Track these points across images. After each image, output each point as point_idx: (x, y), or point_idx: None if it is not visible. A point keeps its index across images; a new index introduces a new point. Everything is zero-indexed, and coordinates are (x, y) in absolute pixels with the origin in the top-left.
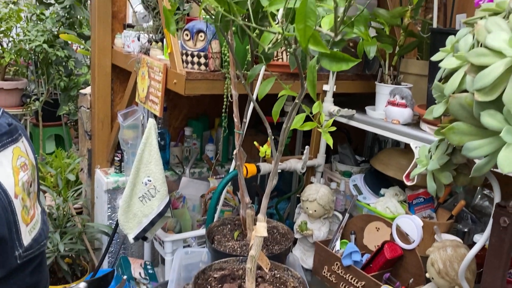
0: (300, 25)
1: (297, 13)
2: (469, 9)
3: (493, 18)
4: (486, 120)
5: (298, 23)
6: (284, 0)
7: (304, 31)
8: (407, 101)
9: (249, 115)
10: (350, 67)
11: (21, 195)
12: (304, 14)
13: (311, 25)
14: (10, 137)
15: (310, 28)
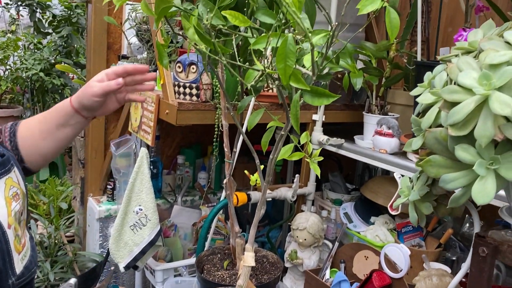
0: (280, 64)
1: (277, 53)
2: (452, 43)
3: (465, 57)
4: (460, 153)
5: (278, 63)
6: (264, 40)
7: (285, 70)
8: (394, 131)
9: (239, 145)
10: (330, 102)
11: (13, 225)
12: (284, 55)
13: (290, 64)
14: (3, 168)
15: (290, 68)
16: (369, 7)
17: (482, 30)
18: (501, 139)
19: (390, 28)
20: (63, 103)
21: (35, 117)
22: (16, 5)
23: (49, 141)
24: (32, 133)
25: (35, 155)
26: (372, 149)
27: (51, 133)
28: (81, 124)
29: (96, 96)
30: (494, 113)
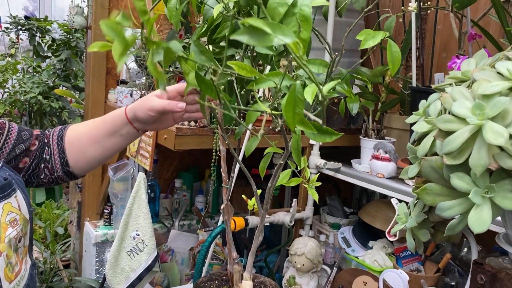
0: (289, 113)
1: (286, 101)
2: (446, 68)
3: (458, 88)
4: (456, 182)
5: (287, 111)
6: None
7: (293, 118)
8: (391, 155)
9: (237, 170)
10: (333, 140)
11: (5, 252)
12: (293, 103)
13: (299, 112)
14: (1, 193)
15: (298, 115)
16: (371, 41)
17: (474, 59)
18: (495, 168)
19: (391, 61)
20: (117, 112)
21: (85, 122)
22: (16, 29)
23: (96, 148)
24: (79, 138)
25: (81, 160)
26: (369, 173)
27: (99, 141)
28: (131, 135)
29: (153, 111)
30: (488, 143)
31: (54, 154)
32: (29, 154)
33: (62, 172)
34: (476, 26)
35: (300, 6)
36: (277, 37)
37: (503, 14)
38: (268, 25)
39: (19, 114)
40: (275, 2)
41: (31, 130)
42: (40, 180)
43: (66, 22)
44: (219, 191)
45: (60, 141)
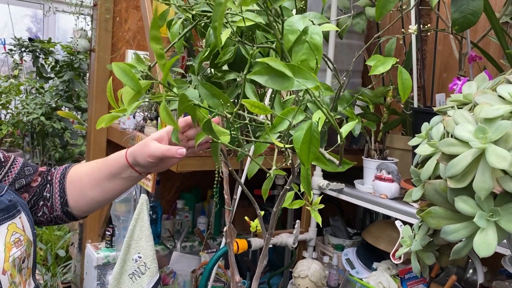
0: (304, 152)
1: (301, 141)
2: (448, 88)
3: (460, 111)
4: (460, 205)
5: (301, 150)
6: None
7: (308, 156)
8: (394, 176)
9: (239, 191)
10: (345, 170)
11: (9, 271)
12: (309, 142)
13: (314, 151)
14: (6, 213)
15: (314, 154)
16: (381, 68)
17: (476, 82)
18: (499, 192)
19: (402, 89)
20: (118, 155)
21: (89, 163)
22: (20, 51)
23: (97, 190)
24: (81, 179)
25: (81, 201)
26: (372, 194)
27: (101, 183)
28: (134, 178)
29: (153, 158)
30: (491, 166)
31: (55, 193)
32: (29, 190)
33: (61, 211)
34: (476, 47)
35: (311, 34)
36: (297, 80)
37: (502, 36)
38: (289, 67)
39: (21, 134)
40: (285, 29)
41: (37, 166)
42: (38, 219)
43: (69, 44)
44: (221, 212)
45: (62, 180)
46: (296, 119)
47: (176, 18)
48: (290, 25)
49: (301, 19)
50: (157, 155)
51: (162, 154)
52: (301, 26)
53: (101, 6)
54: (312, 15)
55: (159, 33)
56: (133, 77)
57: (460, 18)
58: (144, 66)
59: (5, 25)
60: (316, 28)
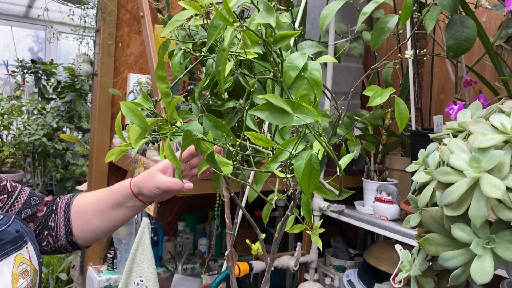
0: (304, 182)
1: (302, 172)
2: (444, 111)
3: (455, 140)
4: (457, 233)
5: (302, 181)
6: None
7: (308, 187)
8: (393, 198)
9: (241, 214)
10: (344, 198)
11: None
12: (309, 173)
13: (314, 182)
14: (14, 245)
15: (314, 185)
16: (378, 99)
17: (470, 110)
18: (494, 220)
19: (399, 118)
20: (122, 185)
21: (91, 193)
22: (22, 72)
23: (101, 220)
24: (85, 208)
25: (85, 231)
26: (373, 216)
27: (105, 212)
28: (137, 208)
29: (159, 190)
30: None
31: (59, 222)
32: (35, 220)
33: (65, 240)
34: (471, 71)
35: (310, 71)
36: (297, 116)
37: (497, 59)
38: (289, 104)
39: (23, 155)
40: (286, 66)
41: (43, 196)
42: (42, 248)
43: (71, 65)
44: (222, 233)
45: (67, 209)
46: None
47: (177, 49)
48: (290, 62)
49: (300, 56)
50: (163, 188)
51: (169, 188)
52: (301, 63)
53: (104, 31)
54: (308, 44)
55: (164, 73)
56: (140, 116)
57: (454, 45)
58: (150, 104)
59: (7, 44)
60: (315, 65)
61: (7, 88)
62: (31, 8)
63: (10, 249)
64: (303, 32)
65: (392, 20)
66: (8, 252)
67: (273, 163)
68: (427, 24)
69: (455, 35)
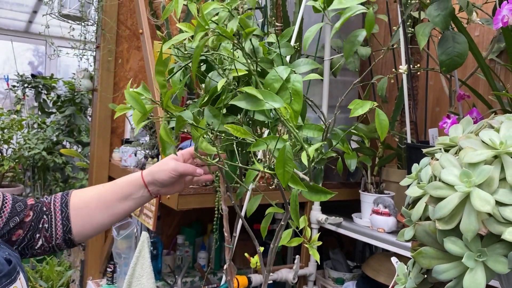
0: (279, 170)
1: (276, 160)
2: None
3: (446, 155)
4: (449, 246)
5: (278, 169)
6: (263, 143)
7: (283, 175)
8: (390, 210)
9: (239, 227)
10: (328, 199)
11: None
12: (283, 162)
13: (289, 170)
14: (8, 278)
15: (288, 173)
16: (360, 110)
17: (461, 125)
18: (485, 233)
19: (380, 129)
20: (132, 177)
21: (91, 188)
22: (22, 87)
23: (106, 214)
24: (87, 205)
25: (87, 227)
26: (370, 228)
27: (110, 206)
28: (144, 199)
29: (176, 173)
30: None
31: (56, 222)
32: (23, 226)
33: (62, 240)
34: (465, 85)
35: (293, 82)
36: (267, 102)
37: (489, 74)
38: (261, 93)
39: (22, 169)
40: (271, 78)
41: (25, 200)
42: (35, 251)
43: (71, 80)
44: (221, 247)
45: (64, 208)
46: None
47: (177, 66)
48: (275, 75)
49: (284, 69)
50: (180, 170)
51: (184, 170)
52: (284, 75)
53: (104, 47)
54: (303, 61)
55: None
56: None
57: (446, 60)
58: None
59: (7, 59)
60: (297, 77)
61: (8, 102)
62: (31, 24)
63: (5, 283)
64: (299, 48)
65: (361, 34)
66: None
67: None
68: (419, 40)
69: (447, 51)
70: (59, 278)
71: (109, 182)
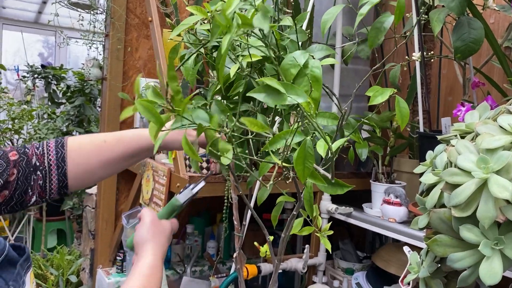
0: (299, 166)
1: (296, 156)
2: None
3: (462, 141)
4: (465, 234)
5: (297, 165)
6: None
7: (303, 171)
8: (402, 200)
9: (249, 216)
10: (344, 192)
11: None
12: (303, 158)
13: (309, 166)
14: (28, 262)
15: (308, 169)
16: (379, 98)
17: (478, 111)
18: (503, 221)
19: (400, 117)
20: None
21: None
22: (32, 77)
23: (108, 170)
24: (88, 161)
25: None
26: (381, 218)
27: (115, 163)
28: (148, 155)
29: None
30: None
31: (51, 178)
32: (8, 186)
33: (56, 194)
34: (479, 72)
35: (311, 68)
36: (290, 96)
37: (505, 61)
38: (283, 85)
39: None
40: (288, 63)
41: (6, 155)
42: (26, 207)
43: (80, 70)
44: (230, 236)
45: (61, 164)
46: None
47: (189, 52)
48: (292, 60)
49: (302, 54)
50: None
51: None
52: (302, 60)
53: (113, 36)
54: (318, 47)
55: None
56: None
57: (462, 47)
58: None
59: (17, 50)
60: (316, 62)
61: (18, 93)
62: (41, 14)
63: (26, 267)
64: (310, 35)
65: (388, 19)
66: (29, 267)
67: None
68: (434, 26)
69: (462, 37)
70: (69, 266)
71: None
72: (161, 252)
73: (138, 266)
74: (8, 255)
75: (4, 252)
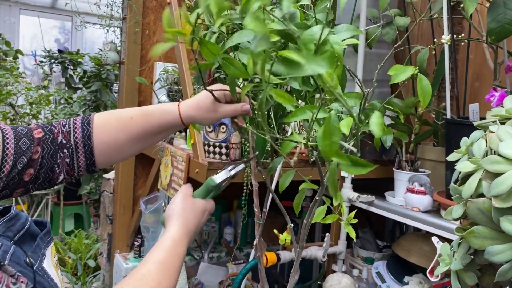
0: (326, 141)
1: (323, 131)
2: (481, 99)
3: (504, 127)
4: (506, 226)
5: (323, 140)
6: (304, 112)
7: (330, 146)
8: (426, 189)
9: (269, 204)
10: (367, 172)
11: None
12: (329, 132)
13: (335, 141)
14: (49, 236)
15: (335, 144)
16: (401, 75)
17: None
18: None
19: (422, 94)
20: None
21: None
22: (49, 62)
23: (138, 146)
24: (117, 138)
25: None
26: (404, 207)
27: (144, 139)
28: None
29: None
30: None
31: (79, 155)
32: (33, 165)
33: (85, 171)
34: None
35: (332, 44)
36: (310, 67)
37: None
38: (302, 56)
39: None
40: (308, 37)
41: (31, 132)
42: (54, 184)
43: (97, 55)
44: (247, 223)
45: (87, 141)
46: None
47: (210, 32)
48: (311, 35)
49: (321, 29)
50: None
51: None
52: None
53: (130, 19)
54: (344, 27)
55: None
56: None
57: (497, 28)
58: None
59: (34, 35)
60: (337, 38)
61: (35, 78)
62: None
63: (48, 241)
64: (333, 17)
65: None
66: (50, 241)
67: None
68: (467, 7)
69: (498, 18)
70: (87, 250)
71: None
72: (186, 228)
73: (161, 240)
74: (29, 228)
75: (26, 226)
